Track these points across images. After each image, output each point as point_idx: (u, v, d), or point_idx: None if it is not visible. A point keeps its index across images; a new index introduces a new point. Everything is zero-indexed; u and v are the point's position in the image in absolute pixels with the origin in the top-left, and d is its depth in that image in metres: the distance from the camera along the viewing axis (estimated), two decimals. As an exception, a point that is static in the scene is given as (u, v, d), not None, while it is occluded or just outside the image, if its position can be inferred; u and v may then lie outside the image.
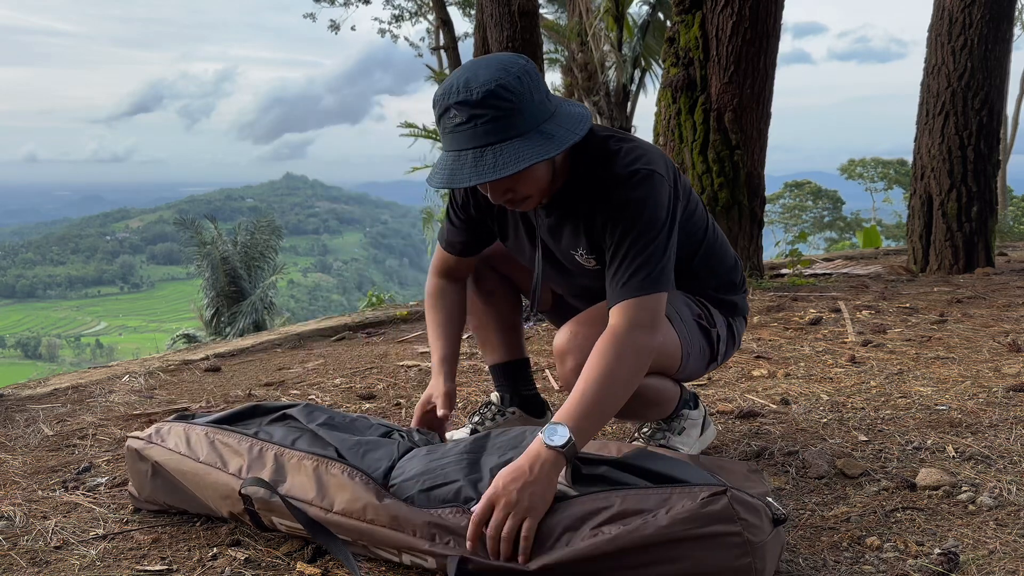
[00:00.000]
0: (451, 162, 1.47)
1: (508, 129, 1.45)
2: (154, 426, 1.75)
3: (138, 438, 1.72)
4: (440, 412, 1.77)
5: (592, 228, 1.64)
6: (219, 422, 1.72)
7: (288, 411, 1.75)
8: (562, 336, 1.67)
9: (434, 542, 1.38)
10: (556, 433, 1.38)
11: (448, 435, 2.07)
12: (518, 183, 1.53)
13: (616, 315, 1.53)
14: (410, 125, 10.54)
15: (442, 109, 1.48)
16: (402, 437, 1.70)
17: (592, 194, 1.61)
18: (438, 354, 1.87)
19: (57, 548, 1.55)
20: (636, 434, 1.94)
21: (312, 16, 23.43)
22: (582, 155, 1.61)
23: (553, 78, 17.41)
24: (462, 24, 22.05)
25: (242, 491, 1.52)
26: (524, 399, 2.07)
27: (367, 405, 2.54)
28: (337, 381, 2.88)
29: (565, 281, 1.84)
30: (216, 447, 1.62)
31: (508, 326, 2.04)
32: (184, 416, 1.78)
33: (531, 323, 3.71)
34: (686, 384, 1.95)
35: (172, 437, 1.68)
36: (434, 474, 1.47)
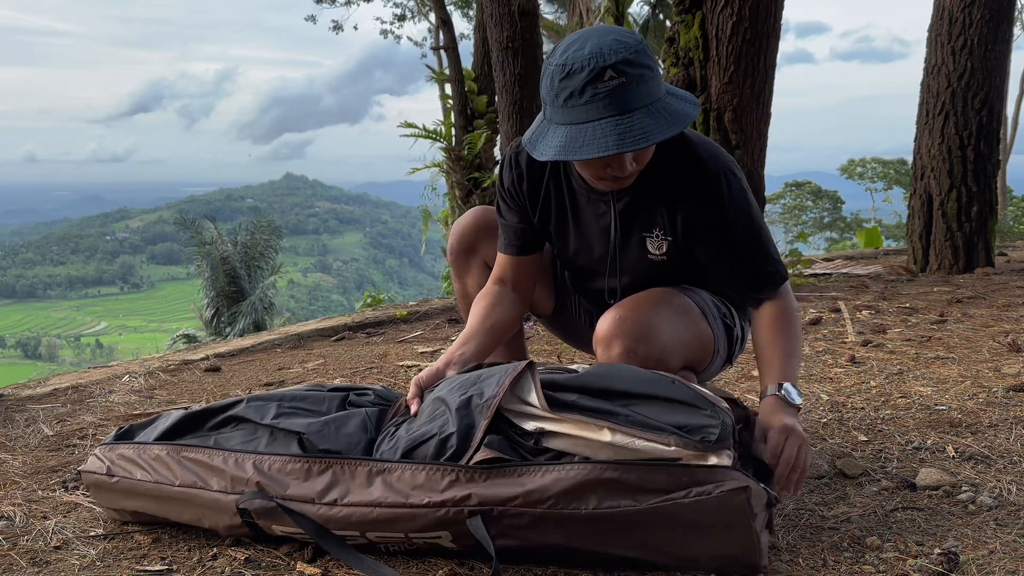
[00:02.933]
0: (610, 127, 1.41)
1: (657, 89, 1.45)
2: (102, 455, 1.61)
3: (95, 472, 1.59)
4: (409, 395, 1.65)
5: (675, 213, 1.66)
6: (166, 437, 1.60)
7: (233, 412, 1.64)
8: (607, 322, 1.65)
9: (446, 507, 1.36)
10: (792, 393, 1.57)
11: None
12: (643, 153, 1.52)
13: (777, 300, 1.72)
14: (410, 125, 10.51)
15: (592, 73, 1.40)
16: (358, 395, 1.69)
17: (672, 179, 1.62)
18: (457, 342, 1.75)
19: (57, 548, 1.55)
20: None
21: (313, 18, 23.46)
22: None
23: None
24: (460, 24, 22.06)
25: (240, 506, 1.45)
26: None
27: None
28: (337, 381, 2.88)
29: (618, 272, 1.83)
30: (187, 466, 1.51)
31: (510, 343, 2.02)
32: (125, 434, 1.65)
33: (531, 323, 3.71)
34: None
35: (134, 467, 1.56)
36: (411, 436, 1.47)
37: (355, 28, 23.99)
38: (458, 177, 10.05)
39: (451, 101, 10.40)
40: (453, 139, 10.30)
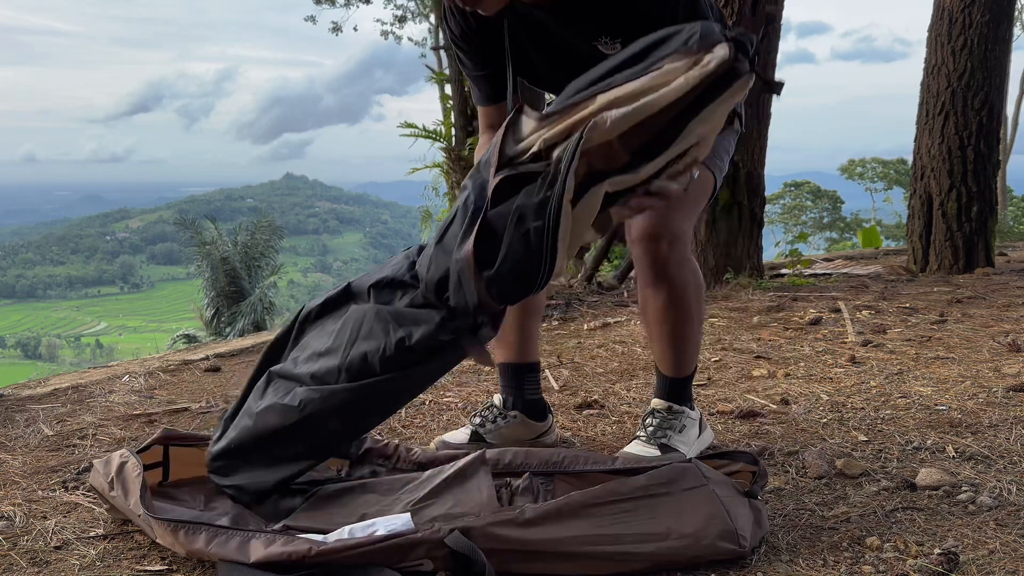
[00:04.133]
0: None
1: None
2: (113, 465, 1.59)
3: (100, 477, 1.60)
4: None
5: (617, 17, 1.62)
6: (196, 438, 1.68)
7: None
8: (641, 224, 1.72)
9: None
10: None
11: (447, 436, 2.06)
12: None
13: None
14: (410, 125, 10.49)
15: None
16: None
17: None
18: None
19: (57, 548, 1.55)
20: (639, 431, 1.94)
21: (312, 19, 23.47)
22: None
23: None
24: (462, 24, 22.06)
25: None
26: (527, 403, 2.06)
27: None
28: (337, 381, 2.88)
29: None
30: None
31: (527, 326, 2.02)
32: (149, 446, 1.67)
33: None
34: None
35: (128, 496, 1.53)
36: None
37: (354, 29, 24.03)
38: (458, 177, 10.03)
39: (451, 101, 10.39)
40: (453, 139, 10.29)
